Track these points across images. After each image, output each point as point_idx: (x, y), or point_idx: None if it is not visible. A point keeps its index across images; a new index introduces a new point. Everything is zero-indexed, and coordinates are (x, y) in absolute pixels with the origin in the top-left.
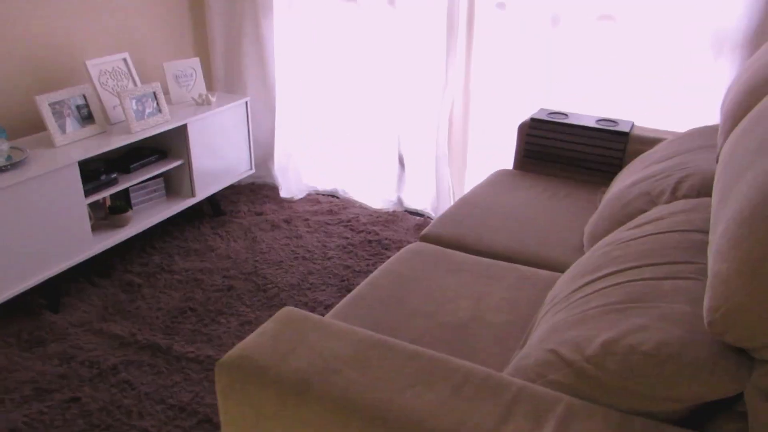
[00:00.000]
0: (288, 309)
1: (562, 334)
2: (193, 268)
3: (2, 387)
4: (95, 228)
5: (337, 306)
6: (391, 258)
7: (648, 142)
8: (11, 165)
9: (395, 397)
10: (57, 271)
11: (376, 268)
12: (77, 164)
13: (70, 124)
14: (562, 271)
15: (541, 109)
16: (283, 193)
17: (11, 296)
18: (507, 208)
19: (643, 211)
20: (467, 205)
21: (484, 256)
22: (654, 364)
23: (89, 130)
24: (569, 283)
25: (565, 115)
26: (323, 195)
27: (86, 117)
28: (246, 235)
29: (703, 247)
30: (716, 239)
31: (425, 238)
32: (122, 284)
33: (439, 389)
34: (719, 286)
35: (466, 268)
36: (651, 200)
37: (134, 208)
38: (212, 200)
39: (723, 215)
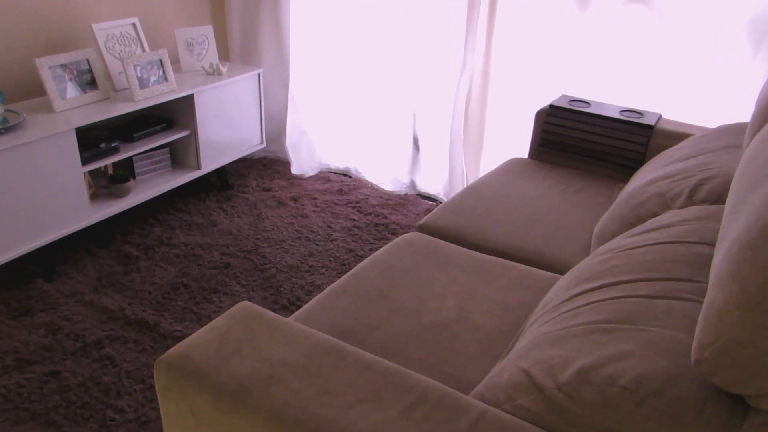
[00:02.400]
0: (244, 304)
1: (540, 352)
2: (192, 243)
3: None
4: (95, 197)
5: (318, 296)
6: (384, 248)
7: (674, 137)
8: (6, 129)
9: (339, 414)
10: (51, 239)
11: None
12: (74, 131)
13: (72, 89)
14: (564, 274)
15: (562, 96)
16: (294, 170)
17: (3, 262)
18: (515, 199)
19: (655, 214)
20: (473, 194)
21: (482, 251)
22: (633, 401)
23: (91, 96)
24: (563, 291)
25: (587, 103)
26: (335, 173)
27: (89, 83)
28: (251, 211)
29: (710, 263)
30: (717, 261)
31: (423, 228)
32: (119, 255)
33: (388, 408)
34: (712, 318)
35: (459, 262)
36: (665, 203)
37: (138, 177)
38: (220, 173)
39: (730, 232)
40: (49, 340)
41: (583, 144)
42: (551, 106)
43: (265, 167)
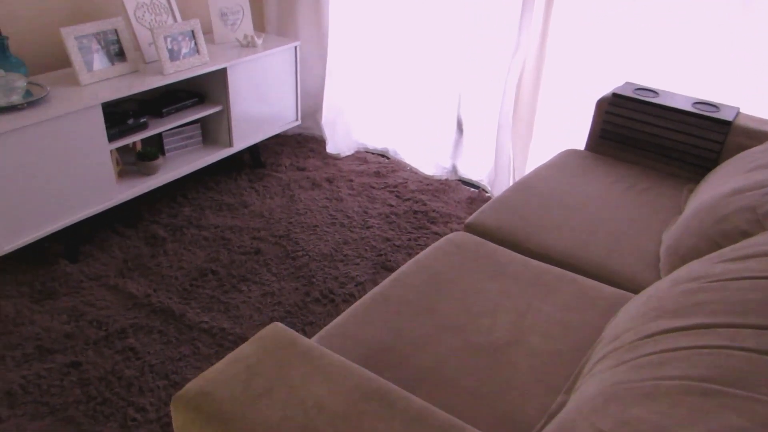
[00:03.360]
0: (275, 327)
1: (622, 409)
2: (222, 225)
3: (6, 342)
4: (122, 174)
5: (357, 304)
6: (428, 249)
7: (756, 135)
8: (28, 103)
9: None
10: (76, 219)
11: (417, 244)
12: (101, 107)
13: (99, 60)
14: (632, 290)
15: (627, 83)
16: (330, 149)
17: (27, 243)
18: (572, 198)
19: (745, 232)
20: (526, 190)
21: (537, 259)
22: None
23: (119, 68)
24: (639, 322)
25: (655, 92)
26: (372, 154)
27: (117, 54)
28: (284, 192)
29: None
30: None
31: (471, 228)
32: (146, 236)
33: None
34: None
35: (512, 271)
36: (756, 220)
37: (167, 154)
38: (253, 150)
39: None
40: (71, 327)
41: (648, 138)
42: (614, 95)
43: (300, 145)
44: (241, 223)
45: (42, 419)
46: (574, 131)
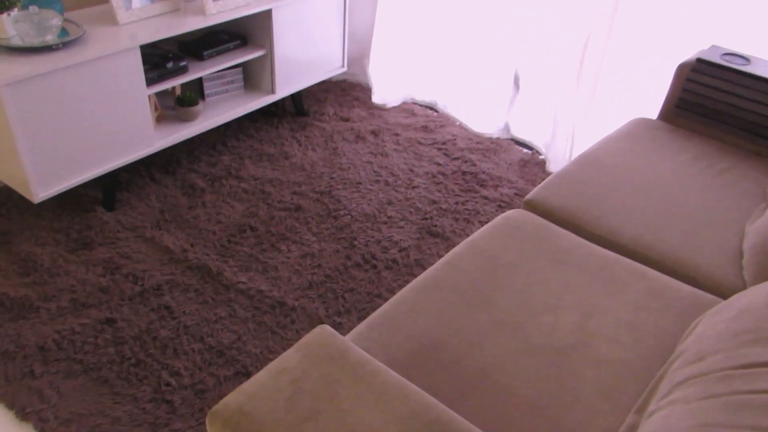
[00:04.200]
0: (322, 331)
1: None
2: (262, 177)
3: (41, 292)
4: (161, 119)
5: (406, 290)
6: (484, 228)
7: None
8: (63, 44)
9: None
10: (112, 167)
11: (465, 209)
12: (139, 49)
13: None
14: (710, 291)
15: (713, 47)
16: (376, 98)
17: (62, 191)
18: (644, 177)
19: None
20: (592, 165)
21: (604, 246)
22: None
23: (159, 6)
24: (730, 344)
25: (746, 59)
26: (420, 106)
27: None
28: (326, 144)
29: None
30: None
31: (531, 205)
32: (185, 185)
33: None
34: None
35: (577, 260)
36: None
37: (207, 99)
38: (296, 98)
39: None
40: (106, 280)
41: (734, 111)
42: (700, 60)
43: (344, 92)
44: (282, 176)
45: (75, 377)
46: (646, 97)
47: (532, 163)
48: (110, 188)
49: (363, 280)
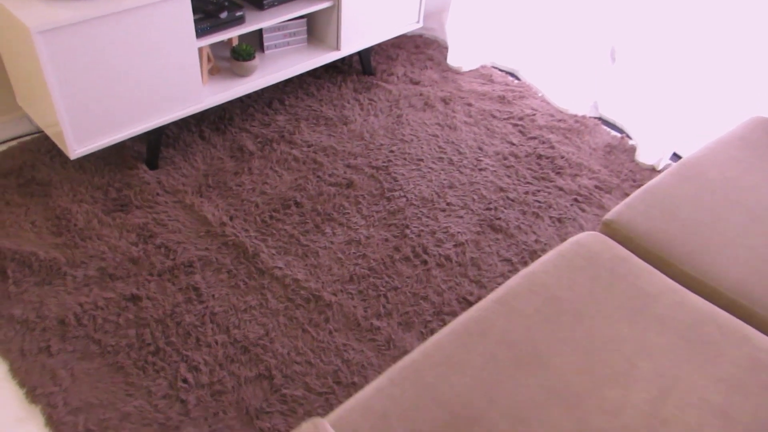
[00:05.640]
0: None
1: None
2: (316, 144)
3: (70, 257)
4: (214, 72)
5: (444, 332)
6: (547, 257)
7: None
8: None
9: None
10: (155, 124)
11: (535, 201)
12: None
13: None
14: None
15: None
16: (451, 60)
17: (100, 147)
18: (759, 200)
19: None
20: (693, 178)
21: (697, 291)
22: None
23: None
24: None
25: None
26: (499, 72)
27: None
28: (390, 110)
29: None
30: None
31: (610, 228)
32: (233, 147)
33: None
34: None
35: (661, 311)
36: None
37: (266, 51)
38: (363, 54)
39: None
40: (138, 250)
41: None
42: None
43: (418, 50)
44: (337, 144)
45: (91, 360)
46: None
47: (620, 150)
48: (155, 145)
49: (410, 277)
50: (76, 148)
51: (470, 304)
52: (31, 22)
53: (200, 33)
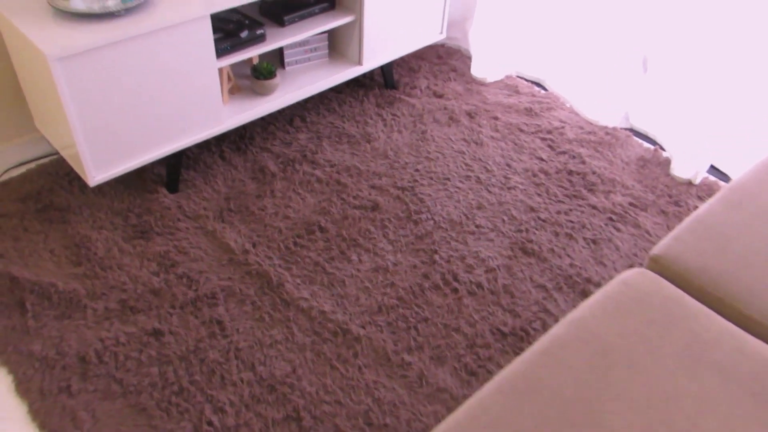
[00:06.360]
0: None
1: None
2: (339, 164)
3: (90, 288)
4: (234, 91)
5: (486, 389)
6: (593, 299)
7: None
8: (126, 10)
9: None
10: (175, 148)
11: (568, 221)
12: (209, 18)
13: None
14: None
15: None
16: (475, 70)
17: (119, 174)
18: None
19: None
20: (744, 205)
21: (759, 336)
22: None
23: None
24: None
25: None
26: (525, 82)
27: None
28: (415, 125)
29: None
30: None
31: (659, 264)
32: (254, 169)
33: None
34: None
35: (721, 358)
36: None
37: (287, 68)
38: (386, 67)
39: None
40: (159, 280)
41: None
42: None
43: (441, 60)
44: (360, 164)
45: (113, 401)
46: None
47: (654, 163)
48: (175, 168)
49: (441, 307)
50: (95, 175)
51: (504, 335)
52: (48, 48)
53: (220, 53)
